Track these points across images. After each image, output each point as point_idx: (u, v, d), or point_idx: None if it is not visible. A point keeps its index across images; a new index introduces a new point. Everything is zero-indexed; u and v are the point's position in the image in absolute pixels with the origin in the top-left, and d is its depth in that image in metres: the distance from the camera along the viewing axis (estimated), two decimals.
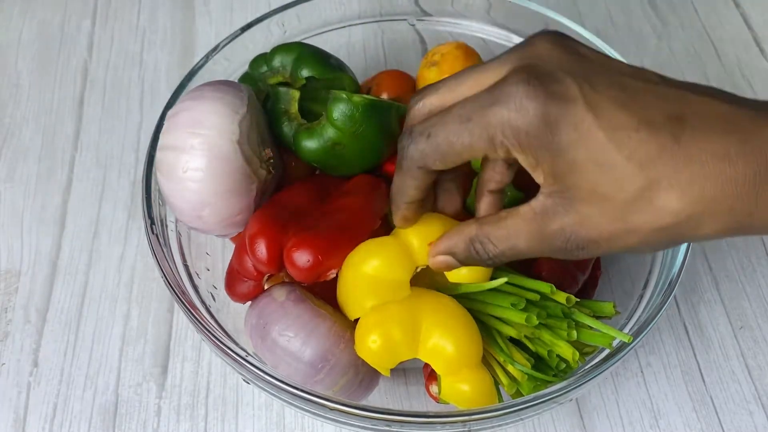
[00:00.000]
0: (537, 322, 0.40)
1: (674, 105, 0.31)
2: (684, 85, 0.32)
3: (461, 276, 0.42)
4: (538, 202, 0.34)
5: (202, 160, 0.43)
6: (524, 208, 0.34)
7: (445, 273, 0.42)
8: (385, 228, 0.46)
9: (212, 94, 0.45)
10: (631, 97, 0.31)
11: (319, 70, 0.49)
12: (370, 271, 0.42)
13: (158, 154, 0.46)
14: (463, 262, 0.38)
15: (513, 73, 0.32)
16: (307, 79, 0.50)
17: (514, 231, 0.34)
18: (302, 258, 0.43)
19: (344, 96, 0.46)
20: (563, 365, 0.42)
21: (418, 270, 0.42)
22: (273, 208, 0.46)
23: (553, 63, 0.32)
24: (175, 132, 0.44)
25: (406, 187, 0.38)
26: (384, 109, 0.47)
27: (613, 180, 0.30)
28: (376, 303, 0.41)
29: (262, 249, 0.44)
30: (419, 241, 0.41)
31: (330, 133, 0.47)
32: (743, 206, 0.30)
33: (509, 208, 0.35)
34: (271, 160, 0.47)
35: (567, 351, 0.41)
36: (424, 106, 0.37)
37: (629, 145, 0.30)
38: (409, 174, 0.37)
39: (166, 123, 0.46)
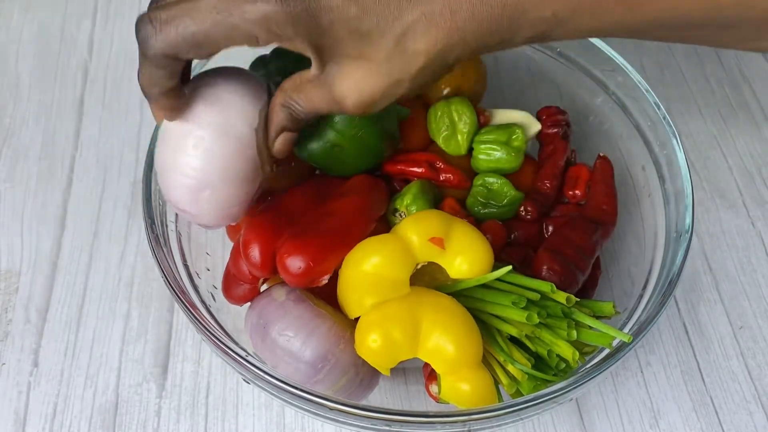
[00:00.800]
0: (538, 320, 0.41)
1: None
2: None
3: (463, 271, 0.42)
4: (317, 70, 0.37)
5: (217, 137, 0.41)
6: (311, 74, 0.37)
7: (446, 269, 0.42)
8: (386, 227, 0.46)
9: (237, 75, 0.43)
10: None
11: None
12: (369, 269, 0.42)
13: (167, 123, 0.42)
14: (291, 127, 0.41)
15: None
16: None
17: (310, 94, 0.38)
18: (294, 264, 0.43)
19: None
20: (563, 365, 0.42)
21: (418, 267, 0.42)
22: (269, 212, 0.46)
23: None
24: (193, 104, 0.42)
25: (157, 77, 0.37)
26: (384, 112, 0.47)
27: (370, 44, 0.34)
28: (376, 301, 0.41)
29: (255, 254, 0.44)
30: (419, 237, 0.42)
31: (329, 135, 0.47)
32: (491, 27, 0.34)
33: (300, 72, 0.39)
34: (276, 161, 0.47)
35: (567, 351, 0.41)
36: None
37: (376, 11, 0.33)
38: (156, 64, 0.36)
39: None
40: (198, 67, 0.55)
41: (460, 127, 0.52)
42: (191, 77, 0.44)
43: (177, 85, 0.38)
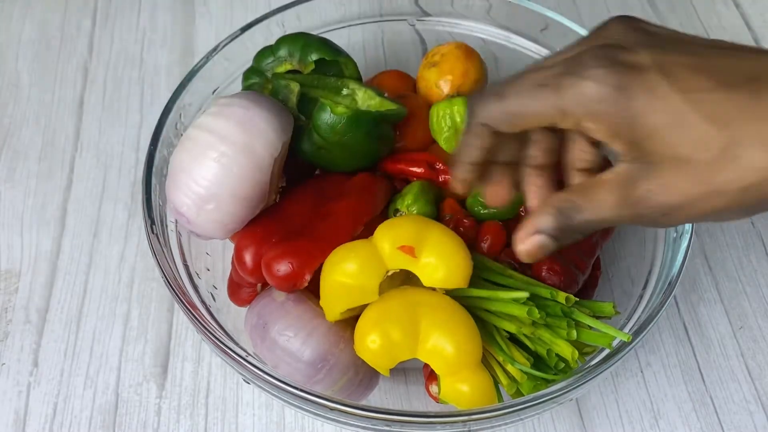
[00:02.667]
0: (538, 315, 0.40)
1: (750, 66, 0.31)
2: (758, 49, 0.32)
3: (437, 279, 0.41)
4: (621, 169, 0.33)
5: (238, 157, 0.43)
6: (608, 175, 0.34)
7: (419, 276, 0.41)
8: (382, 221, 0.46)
9: (270, 106, 0.45)
10: (704, 61, 0.31)
11: (328, 53, 0.50)
12: (339, 277, 0.42)
13: (193, 131, 0.44)
14: (555, 237, 0.36)
15: (588, 48, 0.33)
16: (316, 62, 0.50)
17: (600, 198, 0.34)
18: (279, 268, 0.43)
19: (328, 107, 0.46)
20: (562, 365, 0.42)
21: (389, 274, 0.42)
22: (264, 218, 0.46)
23: (625, 38, 0.33)
24: (224, 120, 0.43)
25: (469, 145, 0.37)
26: (371, 118, 0.48)
27: (694, 142, 0.30)
28: (345, 308, 0.42)
29: (248, 259, 0.45)
30: (390, 245, 0.41)
31: (315, 137, 0.47)
32: None
33: (592, 178, 0.35)
34: (281, 190, 0.47)
35: (566, 350, 0.41)
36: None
37: (706, 105, 0.30)
38: (473, 132, 0.37)
39: (215, 107, 0.45)
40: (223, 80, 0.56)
41: (462, 127, 0.52)
42: (224, 96, 0.46)
43: (481, 161, 0.38)
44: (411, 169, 0.51)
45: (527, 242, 0.36)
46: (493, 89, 0.35)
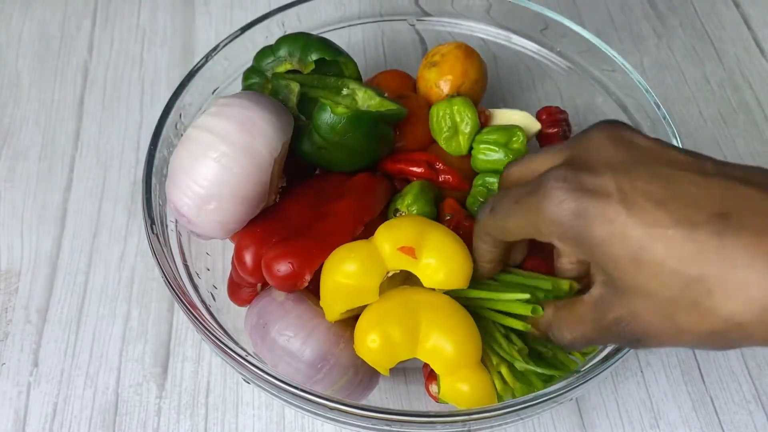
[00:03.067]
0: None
1: (719, 201, 0.29)
2: (739, 175, 0.30)
3: (437, 280, 0.41)
4: (595, 291, 0.34)
5: (239, 156, 0.43)
6: (587, 297, 0.35)
7: (420, 277, 0.42)
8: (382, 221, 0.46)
9: (271, 106, 0.45)
10: (672, 193, 0.30)
11: (328, 53, 0.50)
12: (339, 277, 0.42)
13: (193, 131, 0.44)
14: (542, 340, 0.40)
15: (555, 167, 0.33)
16: (316, 62, 0.50)
17: (581, 319, 0.35)
18: (280, 268, 0.43)
19: (328, 107, 0.46)
20: (569, 362, 0.42)
21: (389, 275, 0.42)
22: (264, 218, 0.46)
23: (600, 155, 0.33)
24: (224, 120, 0.43)
25: (481, 250, 0.41)
26: (371, 118, 0.48)
27: (653, 277, 0.29)
28: (345, 308, 0.42)
29: (248, 260, 0.45)
30: (390, 245, 0.41)
31: (315, 138, 0.47)
32: None
33: (573, 298, 0.37)
34: (281, 190, 0.47)
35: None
36: (509, 174, 0.40)
37: (665, 243, 0.29)
38: (480, 239, 0.40)
39: (215, 107, 0.45)
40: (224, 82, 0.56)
41: (462, 127, 0.52)
42: (224, 96, 0.46)
43: (499, 258, 0.41)
44: (411, 168, 0.51)
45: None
46: (489, 202, 0.38)
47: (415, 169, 0.51)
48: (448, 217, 0.49)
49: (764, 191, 0.29)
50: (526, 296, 0.41)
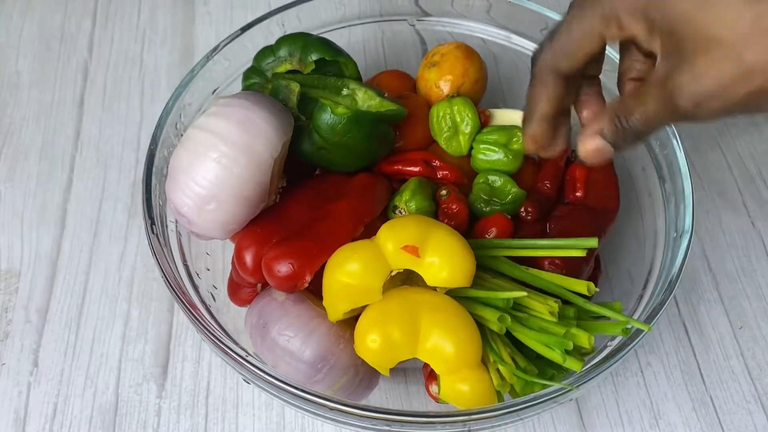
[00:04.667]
0: (510, 323, 0.41)
1: None
2: None
3: (441, 279, 0.41)
4: (659, 66, 0.34)
5: (239, 157, 0.43)
6: (650, 77, 0.35)
7: (423, 276, 0.42)
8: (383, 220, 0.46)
9: (270, 106, 0.45)
10: None
11: (328, 53, 0.50)
12: (342, 277, 0.42)
13: (193, 131, 0.44)
14: (613, 143, 0.37)
15: None
16: (316, 62, 0.50)
17: (645, 98, 0.35)
18: (280, 268, 0.43)
19: (328, 107, 0.46)
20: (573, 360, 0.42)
21: (393, 274, 0.42)
22: (264, 219, 0.46)
23: None
24: (224, 120, 0.43)
25: (538, 97, 0.39)
26: (371, 118, 0.48)
27: (722, 20, 0.30)
28: (348, 308, 0.42)
29: (248, 260, 0.45)
30: (393, 245, 0.41)
31: (315, 138, 0.47)
32: None
33: (644, 80, 0.36)
34: (281, 190, 0.47)
35: (583, 338, 0.41)
36: (553, 44, 0.38)
37: None
38: (539, 82, 0.38)
39: (215, 107, 0.45)
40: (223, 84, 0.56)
41: (462, 127, 0.52)
42: (224, 96, 0.46)
43: (553, 114, 0.39)
44: (408, 168, 0.51)
45: (587, 143, 0.37)
46: (547, 35, 0.38)
47: (411, 168, 0.51)
48: (444, 192, 0.49)
49: None
50: (523, 294, 0.41)
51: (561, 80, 0.38)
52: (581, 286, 0.42)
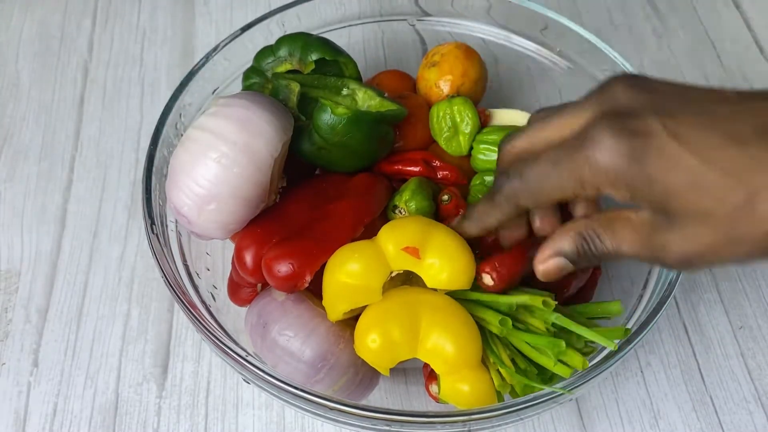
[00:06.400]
0: (511, 327, 0.41)
1: (758, 118, 0.31)
2: (760, 95, 0.32)
3: (441, 281, 0.41)
4: (645, 215, 0.34)
5: (239, 157, 0.43)
6: (632, 215, 0.35)
7: (423, 278, 0.42)
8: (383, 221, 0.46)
9: (270, 106, 0.45)
10: (712, 118, 0.32)
11: (328, 53, 0.50)
12: (343, 277, 0.42)
13: (193, 131, 0.44)
14: (573, 261, 0.38)
15: (595, 119, 0.34)
16: (316, 62, 0.50)
17: (621, 234, 0.35)
18: (280, 268, 0.43)
19: (328, 107, 0.46)
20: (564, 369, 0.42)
21: (393, 275, 0.42)
22: (264, 219, 0.46)
23: (630, 102, 0.34)
24: (224, 120, 0.43)
25: (492, 217, 0.40)
26: (371, 118, 0.48)
27: (713, 197, 0.31)
28: (348, 308, 0.42)
29: (247, 259, 0.45)
30: (394, 245, 0.41)
31: (315, 138, 0.47)
32: None
33: (614, 209, 0.36)
34: (281, 190, 0.47)
35: (577, 360, 0.41)
36: (513, 147, 0.39)
37: (721, 162, 0.30)
38: (498, 208, 0.39)
39: (215, 107, 0.45)
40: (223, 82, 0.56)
41: (462, 128, 0.52)
42: (224, 96, 0.46)
43: (500, 225, 0.41)
44: (408, 169, 0.51)
45: (547, 263, 0.38)
46: (516, 169, 0.37)
47: (411, 168, 0.51)
48: (446, 197, 0.49)
49: None
50: (523, 298, 0.41)
51: (518, 211, 0.39)
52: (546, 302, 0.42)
